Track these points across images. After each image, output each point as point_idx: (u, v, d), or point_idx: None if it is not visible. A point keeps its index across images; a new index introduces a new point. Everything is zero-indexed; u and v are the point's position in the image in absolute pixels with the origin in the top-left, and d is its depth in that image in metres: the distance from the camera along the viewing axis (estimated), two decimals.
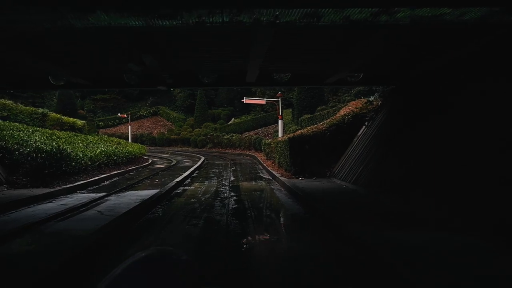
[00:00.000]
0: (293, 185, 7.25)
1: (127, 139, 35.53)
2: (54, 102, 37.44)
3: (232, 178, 10.47)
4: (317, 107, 18.50)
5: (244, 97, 14.64)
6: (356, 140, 7.77)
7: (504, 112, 3.81)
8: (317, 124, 10.07)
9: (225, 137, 26.50)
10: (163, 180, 10.29)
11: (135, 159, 16.55)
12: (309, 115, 17.44)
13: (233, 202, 6.69)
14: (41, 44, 4.79)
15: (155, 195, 6.84)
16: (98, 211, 5.76)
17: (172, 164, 17.40)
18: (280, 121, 13.25)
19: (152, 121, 40.60)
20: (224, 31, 4.39)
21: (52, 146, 8.56)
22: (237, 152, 24.09)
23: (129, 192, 7.81)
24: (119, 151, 13.85)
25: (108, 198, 7.04)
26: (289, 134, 13.40)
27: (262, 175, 11.13)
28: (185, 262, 0.56)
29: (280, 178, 8.79)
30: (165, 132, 34.88)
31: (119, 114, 34.89)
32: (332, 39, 4.88)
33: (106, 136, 20.15)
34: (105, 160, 11.63)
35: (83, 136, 15.47)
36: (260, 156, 17.95)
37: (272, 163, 12.64)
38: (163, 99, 43.09)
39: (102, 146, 14.13)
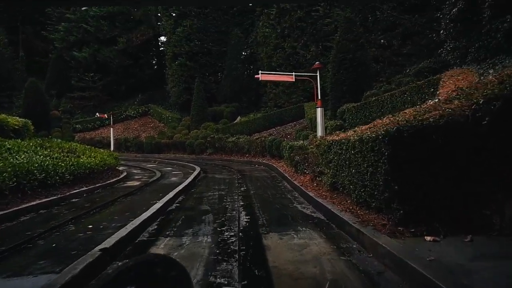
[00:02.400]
0: (435, 273, 2.58)
1: (109, 145, 31.26)
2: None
3: (244, 219, 5.75)
4: (363, 92, 13.74)
5: (260, 72, 9.93)
6: None
7: None
8: (367, 117, 5.47)
9: (229, 139, 21.90)
10: (108, 222, 5.62)
11: (98, 173, 12.01)
12: (354, 104, 12.64)
13: None
14: None
15: None
16: None
17: (152, 180, 12.89)
18: (319, 110, 8.50)
19: (141, 122, 36.29)
20: None
21: None
22: (245, 159, 19.43)
23: None
24: (57, 165, 9.28)
25: None
26: (337, 131, 8.73)
27: (302, 209, 6.39)
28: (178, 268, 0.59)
29: (359, 228, 4.06)
30: (155, 136, 30.45)
31: (97, 114, 30.62)
32: None
33: (65, 141, 15.66)
34: (14, 183, 7.04)
35: (13, 141, 11.00)
36: (281, 166, 13.22)
37: (311, 180, 7.88)
38: (155, 96, 38.81)
39: (38, 156, 9.64)
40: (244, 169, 15.48)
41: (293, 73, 8.78)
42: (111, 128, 31.05)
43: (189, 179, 11.30)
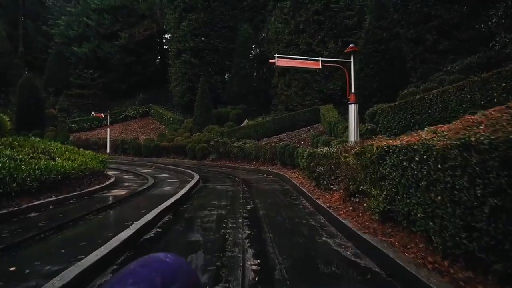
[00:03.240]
0: None
1: (105, 146, 29.68)
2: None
3: (252, 267, 3.80)
4: (396, 91, 11.70)
5: (276, 56, 8.02)
6: None
7: None
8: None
9: (234, 144, 20.07)
10: (44, 262, 3.72)
11: (76, 179, 10.25)
12: (390, 104, 10.49)
13: None
14: None
15: None
16: None
17: (141, 188, 11.17)
18: (352, 107, 6.55)
19: (141, 123, 34.71)
20: None
21: None
22: (252, 167, 17.55)
23: None
24: (16, 169, 7.51)
25: None
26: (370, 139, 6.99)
27: (337, 249, 4.40)
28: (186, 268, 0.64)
29: None
30: (155, 138, 28.78)
31: (93, 113, 29.05)
32: None
33: (43, 141, 13.99)
34: None
35: None
36: (295, 177, 11.29)
37: (343, 201, 5.96)
38: (157, 96, 37.27)
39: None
40: (251, 179, 13.57)
41: (320, 58, 6.94)
42: (108, 129, 29.49)
43: (184, 190, 9.44)
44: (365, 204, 5.04)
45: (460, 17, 13.85)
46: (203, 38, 28.73)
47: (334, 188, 6.97)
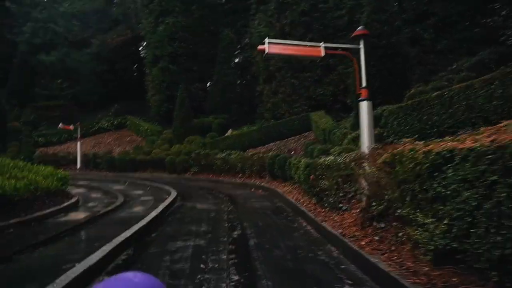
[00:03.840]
0: None
1: (75, 161, 27.54)
2: None
3: None
4: (400, 90, 10.55)
5: (266, 40, 6.63)
6: None
7: None
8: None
9: (218, 156, 18.57)
10: None
11: (21, 202, 8.49)
12: (401, 104, 9.18)
13: None
14: None
15: None
16: None
17: (107, 210, 9.55)
18: (364, 105, 5.18)
19: (116, 136, 32.69)
20: None
21: None
22: (238, 180, 16.07)
23: None
24: None
25: None
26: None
27: None
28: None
29: None
30: (131, 151, 26.90)
31: (60, 125, 26.91)
32: None
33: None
34: None
35: None
36: (288, 192, 9.89)
37: (361, 225, 4.54)
38: (133, 106, 35.35)
39: None
40: (237, 194, 12.05)
41: (322, 43, 5.63)
42: (78, 142, 27.34)
43: (156, 212, 7.85)
44: (400, 234, 3.63)
45: (458, 14, 13.06)
46: (182, 44, 27.27)
47: (344, 208, 5.57)
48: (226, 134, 25.33)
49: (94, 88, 34.45)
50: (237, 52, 30.14)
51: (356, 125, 11.15)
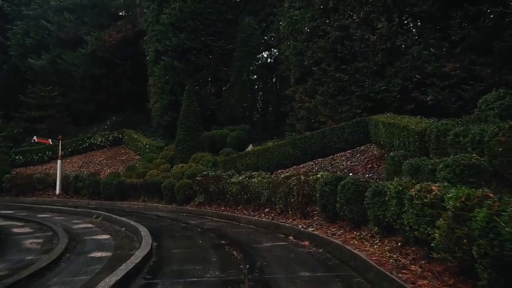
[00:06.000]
0: None
1: (54, 185, 22.79)
2: None
3: None
4: None
5: None
6: None
7: None
8: None
9: (233, 180, 13.29)
10: None
11: None
12: None
13: None
14: None
15: None
16: None
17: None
18: None
19: (110, 153, 28.18)
20: None
21: None
22: (264, 218, 10.66)
23: None
24: None
25: None
26: None
27: None
28: None
29: None
30: (121, 172, 22.01)
31: (35, 138, 22.58)
32: None
33: None
34: None
35: None
36: (373, 253, 4.21)
37: None
38: (134, 118, 31.01)
39: None
40: (264, 250, 6.49)
41: None
42: (59, 161, 22.70)
43: None
44: None
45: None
46: (190, 34, 22.70)
47: None
48: (246, 150, 20.12)
49: (89, 96, 30.46)
50: (261, 47, 25.46)
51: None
